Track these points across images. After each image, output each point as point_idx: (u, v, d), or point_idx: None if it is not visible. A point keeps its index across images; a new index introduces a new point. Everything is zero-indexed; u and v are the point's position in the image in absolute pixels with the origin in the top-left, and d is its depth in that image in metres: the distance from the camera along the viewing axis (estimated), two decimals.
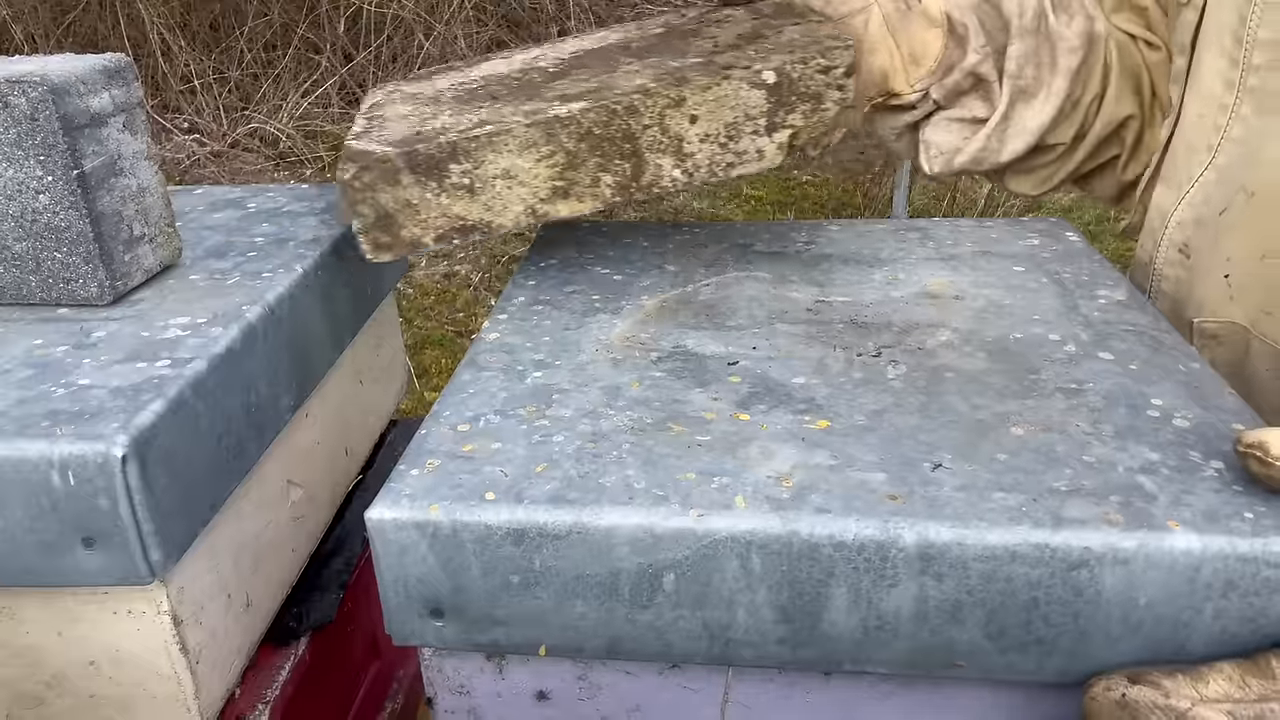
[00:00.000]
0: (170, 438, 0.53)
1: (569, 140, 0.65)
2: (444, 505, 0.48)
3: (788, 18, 0.76)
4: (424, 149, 0.64)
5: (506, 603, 0.49)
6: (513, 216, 0.66)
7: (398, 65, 4.04)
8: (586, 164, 0.66)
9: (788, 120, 0.66)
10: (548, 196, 0.66)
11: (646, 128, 0.65)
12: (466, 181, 0.65)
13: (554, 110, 0.65)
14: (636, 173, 0.66)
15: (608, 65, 0.73)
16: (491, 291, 2.81)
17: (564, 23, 4.48)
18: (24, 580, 0.53)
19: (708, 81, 0.65)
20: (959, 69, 0.76)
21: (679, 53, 0.73)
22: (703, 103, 0.65)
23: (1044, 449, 0.50)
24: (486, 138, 0.64)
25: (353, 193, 0.64)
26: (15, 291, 0.64)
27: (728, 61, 0.67)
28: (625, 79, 0.69)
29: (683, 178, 0.67)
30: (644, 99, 0.64)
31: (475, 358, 0.62)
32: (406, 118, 0.71)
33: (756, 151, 0.67)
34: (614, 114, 0.65)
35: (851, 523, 0.45)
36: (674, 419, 0.54)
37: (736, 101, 0.65)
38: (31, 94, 0.58)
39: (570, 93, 0.68)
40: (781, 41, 0.70)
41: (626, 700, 0.53)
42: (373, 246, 0.66)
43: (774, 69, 0.65)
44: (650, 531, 0.46)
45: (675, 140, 0.66)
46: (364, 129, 0.70)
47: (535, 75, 0.75)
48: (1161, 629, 0.45)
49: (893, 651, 0.47)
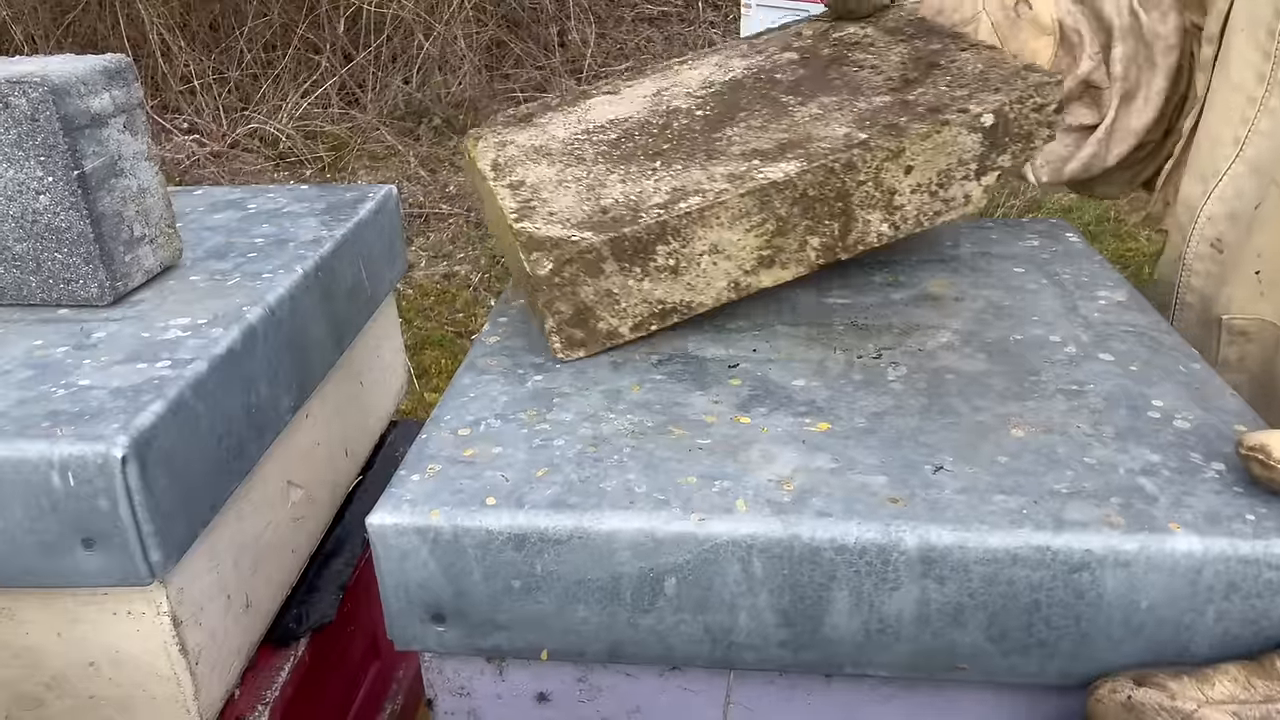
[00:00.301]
0: (170, 438, 0.53)
1: (782, 206, 0.59)
2: (445, 510, 0.48)
3: (939, 37, 0.71)
4: (630, 233, 0.57)
5: (508, 607, 0.48)
6: (715, 293, 0.61)
7: (397, 65, 4.04)
8: (796, 229, 0.60)
9: (998, 162, 0.62)
10: (752, 268, 0.61)
11: (861, 184, 0.60)
12: (672, 262, 0.59)
13: (766, 174, 0.59)
14: (844, 231, 0.61)
15: (772, 106, 0.68)
16: (491, 292, 2.81)
17: (564, 22, 4.48)
18: (24, 581, 0.53)
19: (927, 129, 0.60)
20: (1072, 76, 0.76)
21: (851, 89, 0.67)
22: (921, 152, 0.60)
23: (1045, 451, 0.50)
24: (697, 213, 0.58)
25: (550, 289, 0.57)
26: (16, 292, 0.64)
27: (930, 102, 0.63)
28: (817, 127, 0.63)
29: (889, 231, 0.62)
30: (863, 154, 0.59)
31: (475, 361, 0.62)
32: (563, 184, 0.64)
33: (964, 196, 0.63)
34: (831, 173, 0.59)
35: (853, 526, 0.45)
36: (675, 422, 0.54)
37: (954, 147, 0.61)
38: (32, 94, 0.58)
39: (763, 148, 0.62)
40: (970, 73, 0.65)
41: (627, 702, 0.53)
42: (565, 344, 0.60)
43: (993, 111, 0.61)
44: (651, 536, 0.46)
45: (887, 193, 0.61)
46: (522, 205, 0.63)
47: (684, 120, 0.69)
48: (1163, 631, 0.45)
49: (894, 654, 0.47)
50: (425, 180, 3.48)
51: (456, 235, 3.13)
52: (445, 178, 3.52)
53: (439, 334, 2.60)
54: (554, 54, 4.39)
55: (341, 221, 0.78)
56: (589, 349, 0.60)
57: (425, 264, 2.94)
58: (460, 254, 3.01)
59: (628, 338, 0.60)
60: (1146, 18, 0.75)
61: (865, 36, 0.74)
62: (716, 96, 0.71)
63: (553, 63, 4.33)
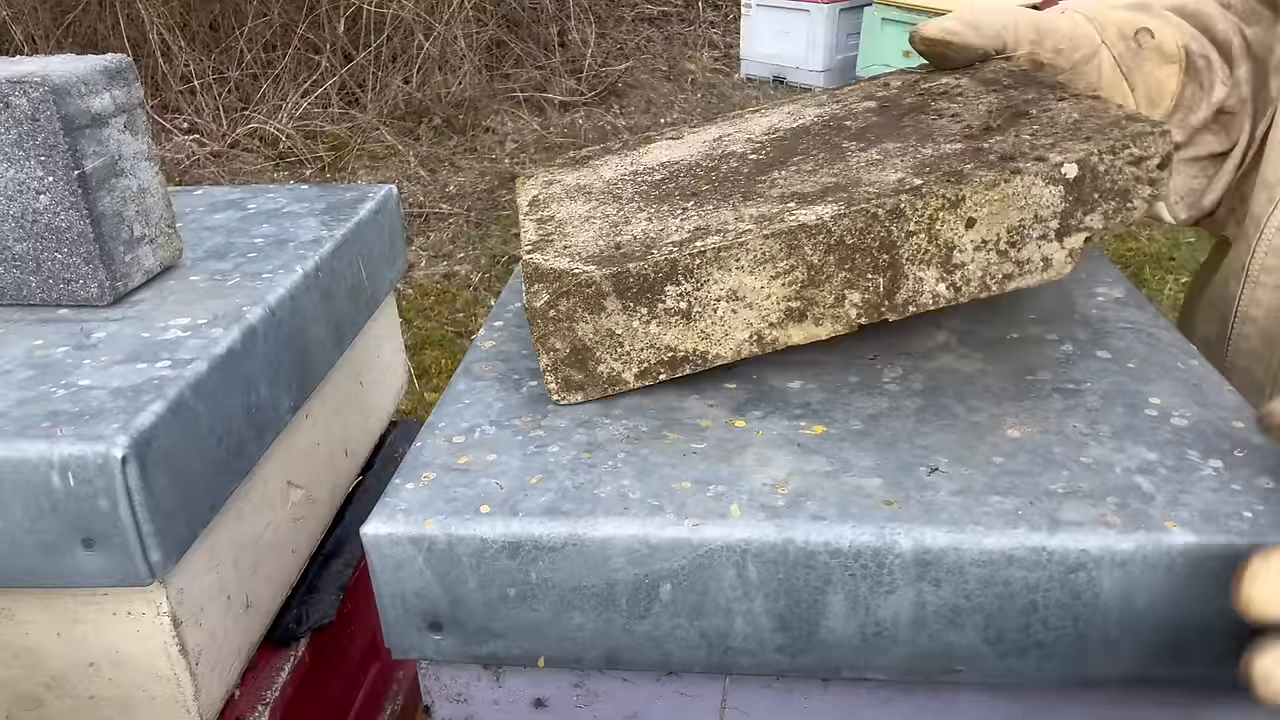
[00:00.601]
0: (170, 439, 0.53)
1: (814, 252, 0.54)
2: (439, 519, 0.48)
3: (1036, 87, 0.64)
4: (635, 268, 0.53)
5: (504, 615, 0.49)
6: (734, 345, 0.56)
7: (397, 65, 4.04)
8: (831, 280, 0.54)
9: (1085, 222, 0.55)
10: (779, 320, 0.55)
11: (911, 235, 0.54)
12: (683, 305, 0.54)
13: (796, 216, 0.54)
14: (891, 288, 0.55)
15: (830, 151, 0.62)
16: (491, 292, 2.81)
17: (564, 22, 4.48)
18: (23, 581, 0.53)
19: (993, 177, 0.53)
20: (1206, 104, 0.72)
21: (921, 136, 0.61)
22: (985, 203, 0.53)
23: (1041, 451, 0.50)
24: (713, 252, 0.53)
25: (545, 324, 0.54)
26: (15, 292, 0.64)
27: (1005, 150, 0.56)
28: (870, 171, 0.57)
29: (948, 293, 0.55)
30: (913, 200, 0.53)
31: (470, 366, 0.62)
32: (589, 220, 0.61)
33: (1042, 260, 0.55)
34: (874, 219, 0.53)
35: (847, 529, 0.46)
36: (669, 426, 0.54)
37: (1027, 200, 0.54)
38: (33, 94, 0.58)
39: (804, 190, 0.57)
40: (1061, 123, 0.58)
41: (624, 707, 0.53)
42: (562, 385, 0.56)
43: (1076, 160, 0.53)
44: (645, 542, 0.46)
45: (944, 249, 0.54)
46: (541, 238, 0.60)
47: (734, 163, 0.64)
48: (1161, 631, 0.46)
49: (891, 658, 0.47)
50: (425, 180, 3.48)
51: (456, 235, 3.13)
52: (445, 177, 3.52)
53: (439, 334, 2.61)
54: (554, 54, 4.39)
55: (341, 221, 0.78)
56: (588, 393, 0.56)
57: (425, 264, 2.95)
58: (460, 254, 3.01)
59: (632, 385, 0.56)
60: (1251, 32, 0.72)
61: (955, 86, 0.68)
62: (776, 142, 0.66)
63: (553, 62, 4.33)
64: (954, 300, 0.55)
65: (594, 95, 4.18)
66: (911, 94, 0.68)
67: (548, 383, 0.56)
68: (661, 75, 4.48)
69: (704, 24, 5.03)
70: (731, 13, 5.07)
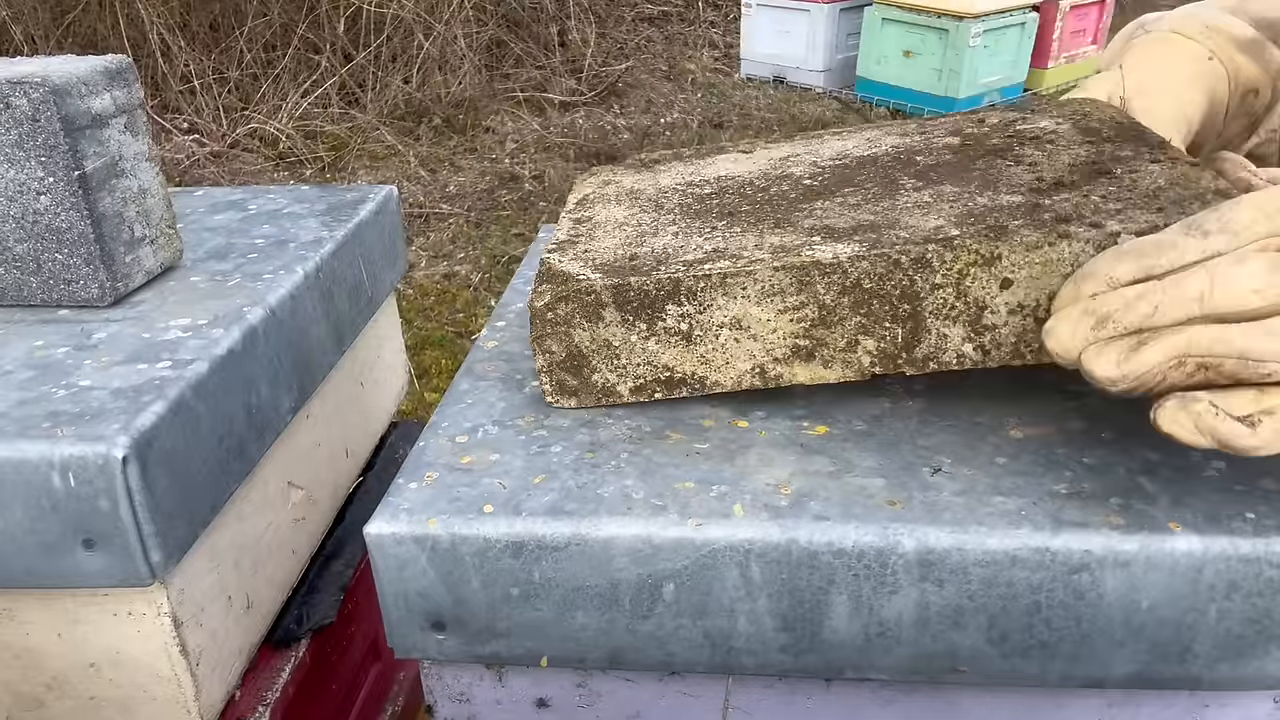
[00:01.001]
0: (171, 439, 0.53)
1: (827, 292, 0.51)
2: (442, 519, 0.48)
3: (1135, 144, 0.59)
4: (637, 282, 0.52)
5: (507, 615, 0.49)
6: (735, 375, 0.54)
7: (397, 65, 4.04)
8: (845, 323, 0.52)
9: None
10: (784, 356, 0.53)
11: (937, 288, 0.50)
12: (684, 327, 0.53)
13: (813, 252, 0.51)
14: (911, 341, 0.52)
15: (884, 185, 0.59)
16: (491, 292, 2.81)
17: (564, 22, 4.48)
18: (24, 581, 0.53)
19: (1037, 238, 0.49)
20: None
21: (986, 182, 0.57)
22: (1024, 265, 0.49)
23: (1044, 451, 0.50)
24: (718, 277, 0.52)
25: (543, 324, 0.54)
26: (16, 293, 0.64)
27: (1065, 210, 0.52)
28: (913, 214, 0.54)
29: (975, 354, 0.52)
30: (942, 252, 0.50)
31: (473, 366, 0.62)
32: (621, 226, 0.60)
33: None
34: (895, 265, 0.50)
35: (851, 530, 0.45)
36: (672, 426, 0.54)
37: (1074, 269, 0.49)
38: (33, 95, 0.58)
39: (837, 225, 0.54)
40: (1142, 187, 0.53)
41: (627, 707, 0.53)
42: (556, 389, 0.56)
43: (1137, 233, 0.49)
44: (649, 542, 0.46)
45: (974, 307, 0.51)
46: (569, 237, 0.59)
47: (786, 186, 0.61)
48: (1164, 631, 0.46)
49: (894, 658, 0.47)
50: (425, 180, 3.48)
51: (457, 235, 3.13)
52: (445, 177, 3.52)
53: (439, 334, 2.60)
54: (554, 53, 4.39)
55: (342, 222, 0.78)
56: (581, 400, 0.56)
57: (425, 264, 2.94)
58: (460, 254, 3.01)
59: (626, 399, 0.56)
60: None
61: (1051, 132, 0.63)
62: (838, 169, 0.63)
63: (553, 62, 4.33)
64: (982, 363, 0.52)
65: (594, 95, 4.19)
66: (1000, 135, 0.65)
67: (542, 384, 0.56)
68: (662, 75, 4.48)
69: (704, 24, 5.03)
70: (732, 12, 5.07)
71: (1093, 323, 0.44)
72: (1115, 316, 0.43)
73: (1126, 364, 0.43)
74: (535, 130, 3.85)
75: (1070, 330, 0.45)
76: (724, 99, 4.26)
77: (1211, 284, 0.42)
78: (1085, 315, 0.45)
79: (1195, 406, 0.41)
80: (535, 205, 3.24)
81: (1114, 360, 0.43)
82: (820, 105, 4.04)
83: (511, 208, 3.28)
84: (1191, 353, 0.42)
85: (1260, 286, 0.41)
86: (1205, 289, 0.42)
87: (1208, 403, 0.41)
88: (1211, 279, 0.42)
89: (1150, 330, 0.43)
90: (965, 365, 0.52)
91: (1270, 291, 0.41)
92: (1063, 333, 0.45)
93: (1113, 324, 0.44)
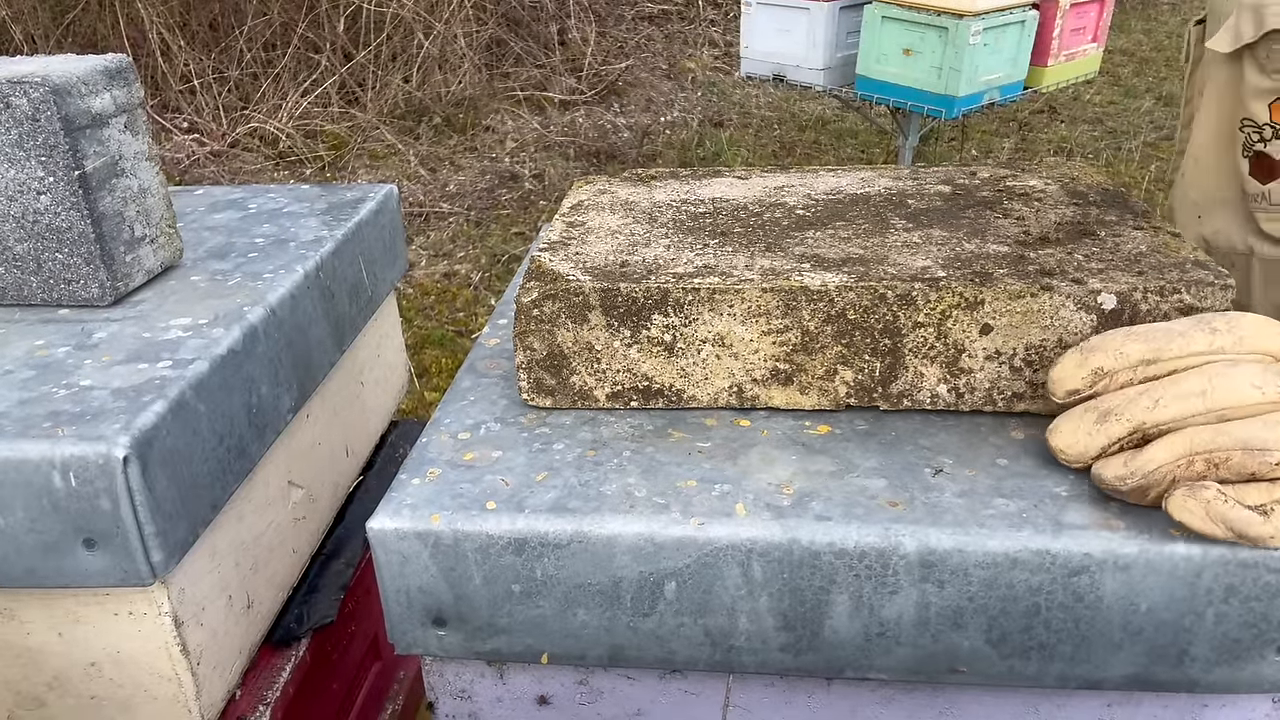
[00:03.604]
0: (171, 439, 0.53)
1: (812, 318, 0.52)
2: (445, 515, 0.48)
3: (1120, 210, 0.62)
4: (626, 289, 0.53)
5: (508, 611, 0.49)
6: (712, 391, 0.55)
7: (397, 64, 4.04)
8: (826, 351, 0.53)
9: None
10: (763, 378, 0.54)
11: (919, 326, 0.51)
12: (668, 338, 0.54)
13: (802, 278, 0.53)
14: (888, 376, 0.53)
15: (875, 223, 0.61)
16: (492, 291, 2.81)
17: (564, 21, 4.48)
18: (25, 581, 0.53)
19: (1020, 288, 0.51)
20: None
21: (974, 230, 0.59)
22: (1005, 312, 0.50)
23: (1045, 453, 0.50)
24: (706, 292, 0.52)
25: (527, 321, 0.54)
26: (17, 292, 0.64)
27: (1049, 265, 0.54)
28: (901, 253, 0.56)
29: (948, 396, 0.54)
30: (928, 291, 0.51)
31: (475, 364, 0.62)
32: (614, 234, 0.60)
33: None
34: (881, 299, 0.51)
35: (852, 530, 0.45)
36: (675, 425, 0.54)
37: (1053, 321, 0.51)
38: (33, 95, 0.58)
39: (827, 255, 0.56)
40: (1124, 251, 0.55)
41: (627, 705, 0.53)
42: (533, 387, 0.56)
43: (1117, 293, 0.51)
44: (651, 540, 0.46)
45: (953, 349, 0.52)
46: (560, 238, 0.60)
47: (779, 214, 0.63)
48: (1162, 634, 0.46)
49: (894, 658, 0.47)
50: (425, 179, 3.48)
51: (456, 234, 3.13)
52: (445, 176, 3.52)
53: (439, 333, 2.60)
54: (554, 52, 4.39)
55: (342, 221, 0.78)
56: (557, 401, 0.56)
57: (425, 263, 2.94)
58: (460, 253, 3.01)
59: (602, 404, 0.56)
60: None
61: (1040, 191, 0.66)
62: (831, 204, 0.65)
63: (553, 61, 4.33)
64: (954, 406, 0.54)
65: (594, 94, 4.18)
66: (991, 188, 0.67)
67: (519, 380, 0.56)
68: (662, 73, 4.48)
69: (704, 22, 5.03)
70: (731, 11, 5.07)
71: (1095, 417, 0.46)
72: (1118, 410, 0.46)
73: (1134, 461, 0.45)
74: (535, 129, 3.85)
75: (1073, 426, 0.47)
76: (724, 97, 4.26)
77: (1212, 382, 0.45)
78: (1088, 412, 0.47)
79: (1204, 494, 0.43)
80: (535, 204, 3.24)
81: (1121, 459, 0.45)
82: (820, 103, 4.03)
83: (511, 206, 3.28)
84: (1196, 449, 0.44)
85: (1260, 383, 0.44)
86: (1206, 386, 0.44)
87: (1216, 490, 0.43)
88: (1210, 378, 0.45)
89: (1153, 424, 0.45)
90: (938, 406, 0.54)
91: (1269, 388, 0.44)
92: (1066, 429, 0.47)
93: (1114, 417, 0.46)
